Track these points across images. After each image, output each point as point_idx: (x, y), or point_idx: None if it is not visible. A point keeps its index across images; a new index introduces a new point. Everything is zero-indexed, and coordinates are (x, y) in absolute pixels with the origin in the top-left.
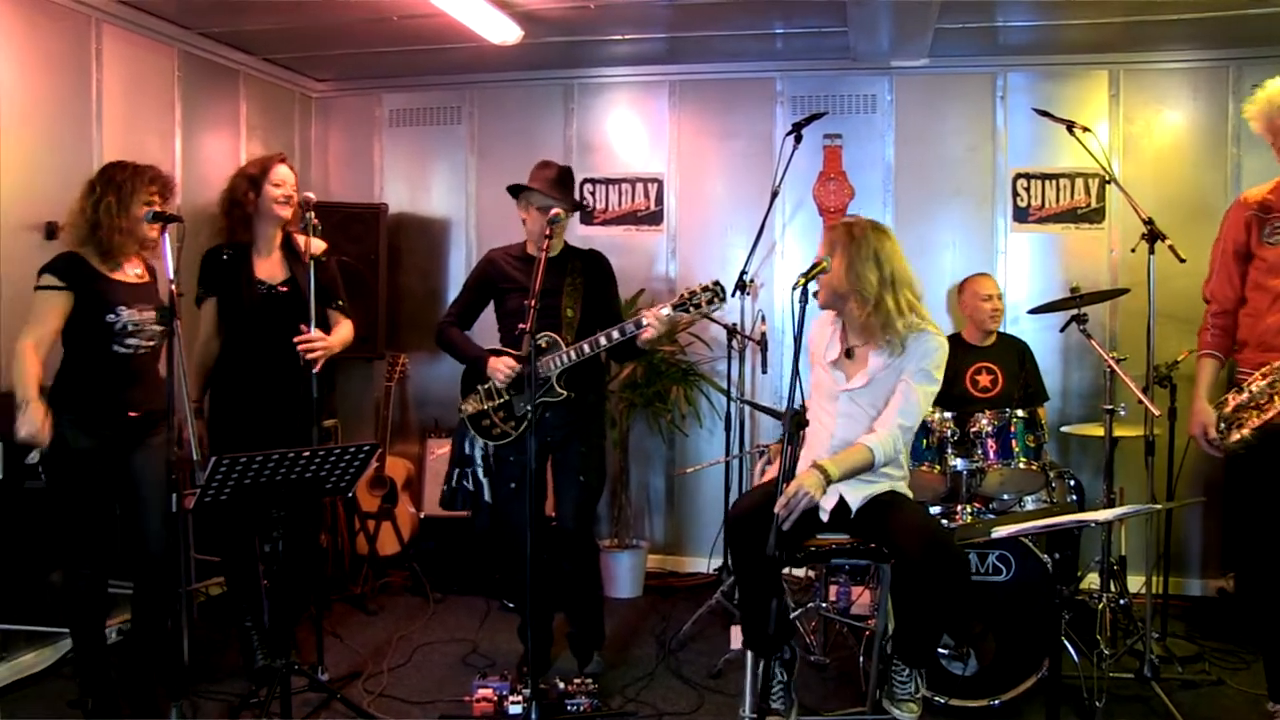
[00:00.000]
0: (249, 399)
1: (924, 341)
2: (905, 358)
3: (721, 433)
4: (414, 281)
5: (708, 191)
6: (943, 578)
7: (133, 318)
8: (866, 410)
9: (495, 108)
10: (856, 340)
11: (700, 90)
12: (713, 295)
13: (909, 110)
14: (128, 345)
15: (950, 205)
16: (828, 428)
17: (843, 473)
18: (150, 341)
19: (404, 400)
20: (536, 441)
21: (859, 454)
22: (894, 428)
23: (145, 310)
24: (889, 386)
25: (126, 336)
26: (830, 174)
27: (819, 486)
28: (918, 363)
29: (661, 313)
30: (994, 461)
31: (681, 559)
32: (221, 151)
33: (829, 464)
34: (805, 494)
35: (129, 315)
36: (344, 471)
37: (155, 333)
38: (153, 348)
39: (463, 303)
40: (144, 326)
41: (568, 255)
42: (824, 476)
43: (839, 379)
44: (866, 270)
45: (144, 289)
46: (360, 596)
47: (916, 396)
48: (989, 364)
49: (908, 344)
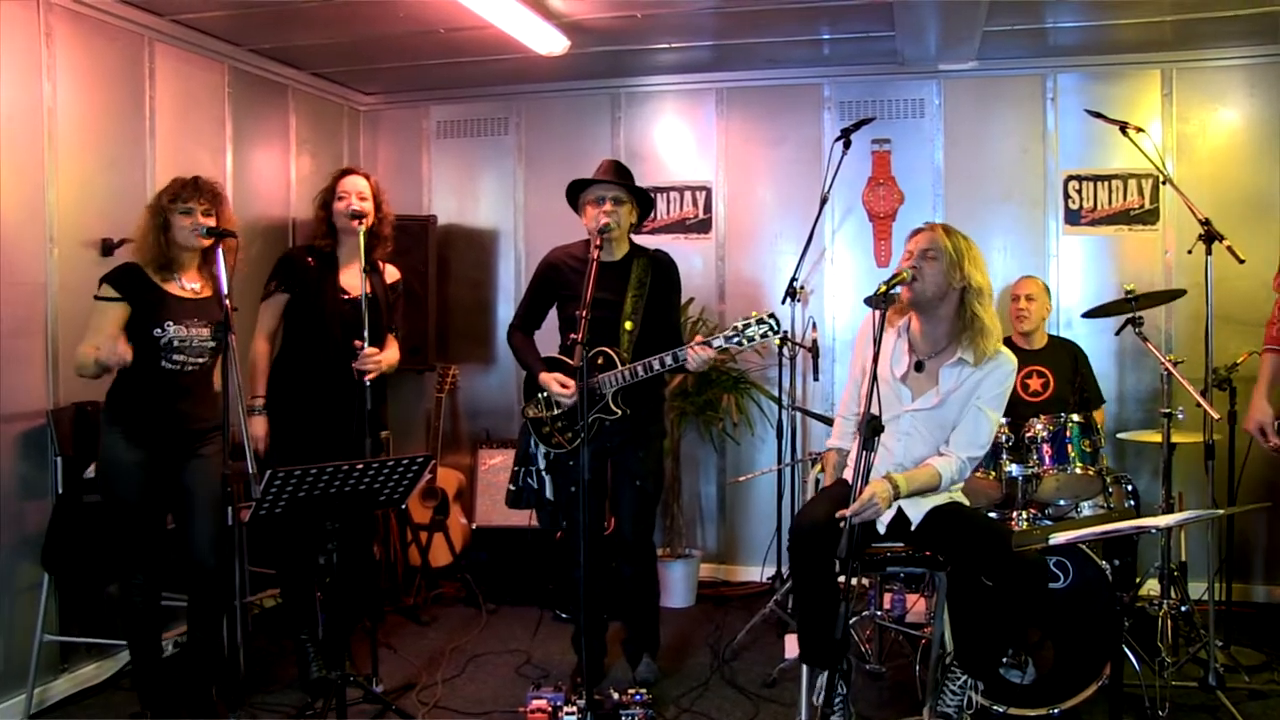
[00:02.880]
0: (309, 404)
1: (1001, 365)
2: (982, 380)
3: (773, 440)
4: (464, 292)
5: (756, 198)
6: (1015, 585)
7: (179, 334)
8: (931, 433)
9: (542, 118)
10: (927, 352)
11: (747, 97)
12: (766, 330)
13: (958, 114)
14: (174, 361)
15: (1001, 209)
16: (888, 448)
17: (911, 490)
18: (199, 359)
19: (455, 411)
20: (595, 447)
21: (929, 475)
22: (964, 458)
23: (196, 327)
24: (958, 409)
25: (173, 352)
26: (879, 179)
27: (888, 500)
28: (993, 388)
29: (710, 348)
30: (1050, 467)
31: (734, 568)
32: (271, 166)
33: (901, 479)
34: (874, 504)
35: (175, 331)
36: (398, 484)
37: (205, 349)
38: (203, 364)
39: (525, 306)
40: (192, 342)
41: (632, 258)
42: (894, 491)
43: (904, 396)
44: (973, 272)
45: (198, 305)
46: (413, 608)
47: (989, 426)
48: (1040, 367)
49: (985, 365)
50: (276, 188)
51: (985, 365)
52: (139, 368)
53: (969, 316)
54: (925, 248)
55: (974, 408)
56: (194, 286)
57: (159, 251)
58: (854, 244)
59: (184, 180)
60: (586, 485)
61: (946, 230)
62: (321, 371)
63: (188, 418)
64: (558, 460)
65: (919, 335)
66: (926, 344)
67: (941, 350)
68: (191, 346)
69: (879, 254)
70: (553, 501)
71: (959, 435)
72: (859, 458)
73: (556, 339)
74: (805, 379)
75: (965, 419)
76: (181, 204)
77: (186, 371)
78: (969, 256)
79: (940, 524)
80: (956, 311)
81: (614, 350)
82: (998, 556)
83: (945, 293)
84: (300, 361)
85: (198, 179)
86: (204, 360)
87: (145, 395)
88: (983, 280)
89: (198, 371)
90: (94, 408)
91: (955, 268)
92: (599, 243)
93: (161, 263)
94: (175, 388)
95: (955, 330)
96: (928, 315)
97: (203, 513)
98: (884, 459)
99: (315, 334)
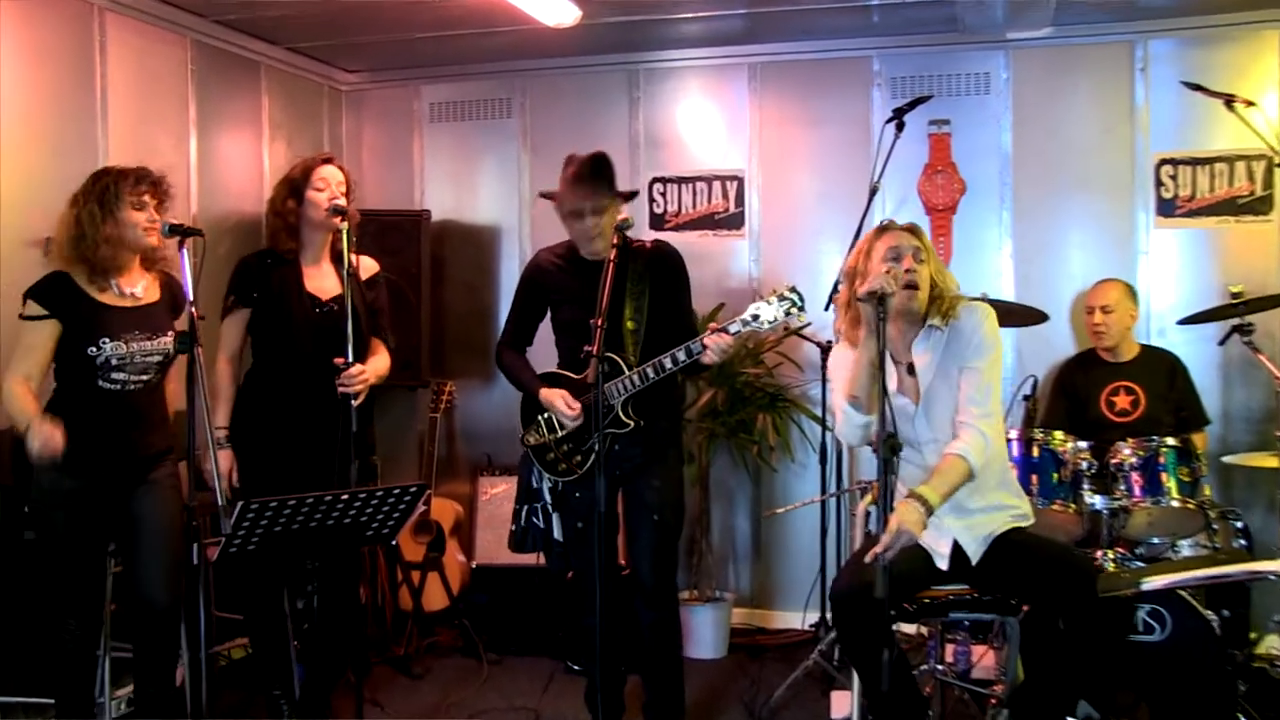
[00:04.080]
0: (284, 430)
1: (969, 312)
2: (954, 339)
3: (816, 467)
4: (461, 298)
5: (795, 189)
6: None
7: (116, 350)
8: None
9: (550, 99)
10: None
11: (785, 73)
12: (789, 306)
13: (1029, 89)
14: (113, 380)
15: (1079, 199)
16: (918, 465)
17: (943, 496)
18: (144, 375)
19: (451, 433)
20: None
21: (953, 469)
22: (978, 426)
23: (137, 340)
24: (950, 380)
25: (111, 370)
26: (937, 166)
27: (920, 521)
28: (970, 338)
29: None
30: (1140, 499)
31: (771, 613)
32: (241, 153)
33: (926, 491)
34: (905, 532)
35: (112, 348)
36: (388, 517)
37: (150, 364)
38: (147, 383)
39: (514, 319)
40: (133, 359)
41: (625, 254)
42: (924, 507)
43: (908, 407)
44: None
45: (139, 314)
46: (404, 658)
47: (982, 375)
48: (1128, 383)
49: (952, 322)
50: (247, 179)
51: (952, 322)
52: (75, 390)
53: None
54: (917, 246)
55: (962, 370)
56: (134, 291)
57: (92, 252)
58: None
59: (129, 169)
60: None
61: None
62: (295, 391)
63: (134, 444)
64: (565, 491)
65: (897, 341)
66: (905, 343)
67: (912, 331)
68: (133, 363)
69: (937, 251)
70: (561, 543)
71: (962, 404)
72: (881, 481)
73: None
74: None
75: (966, 385)
76: (134, 195)
77: (129, 391)
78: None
79: (1007, 556)
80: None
81: (619, 355)
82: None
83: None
84: (270, 382)
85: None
86: (149, 377)
87: (83, 421)
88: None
89: (142, 390)
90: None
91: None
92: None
93: (95, 266)
94: (117, 410)
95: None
96: (902, 314)
97: (152, 544)
98: (917, 479)
99: (285, 349)
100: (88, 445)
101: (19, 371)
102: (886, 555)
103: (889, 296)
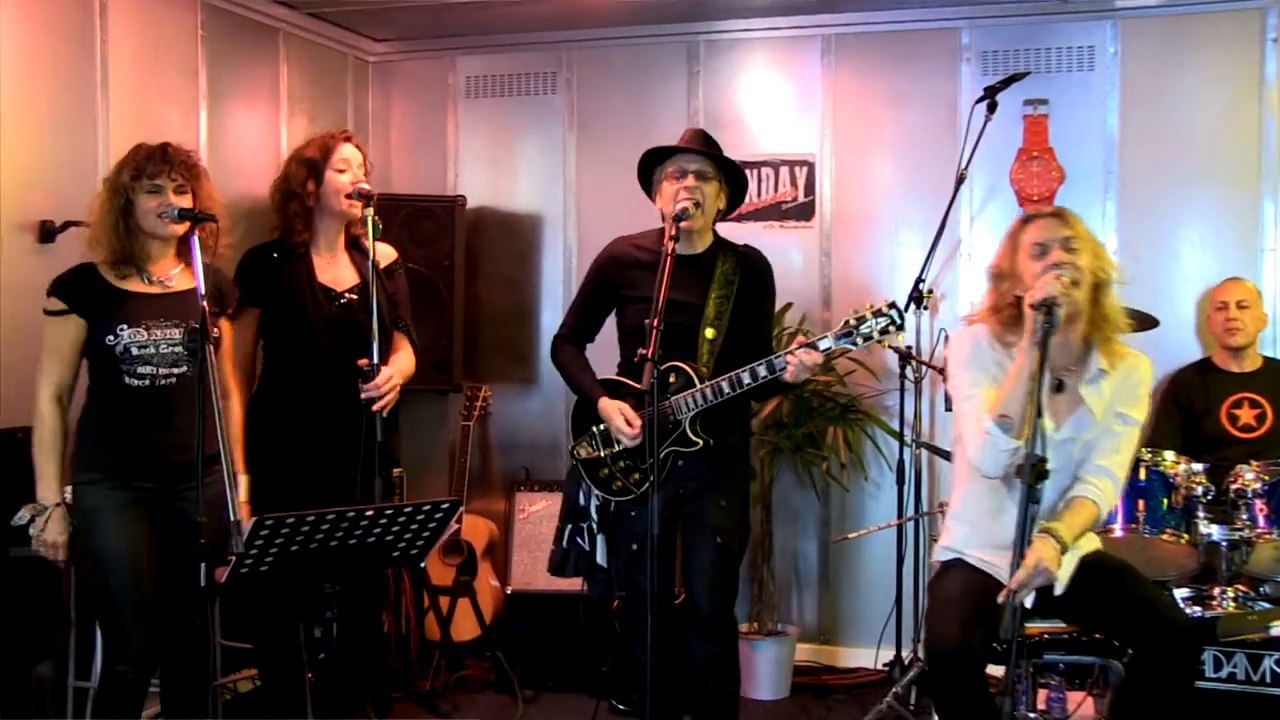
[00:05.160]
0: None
1: (1135, 365)
2: (1118, 385)
3: (892, 487)
4: (498, 294)
5: (872, 176)
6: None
7: (136, 338)
8: (1076, 461)
9: (599, 73)
10: (1066, 366)
11: (863, 46)
12: (887, 323)
13: (1139, 64)
14: (140, 375)
15: (1197, 189)
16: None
17: (1074, 538)
18: (176, 368)
19: (486, 443)
20: (667, 494)
21: (1084, 511)
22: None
23: (163, 327)
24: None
25: (135, 363)
26: (1033, 151)
27: (1056, 560)
28: (1131, 389)
29: (816, 351)
30: (1265, 530)
31: (839, 650)
32: (257, 129)
33: (1061, 528)
34: (1044, 570)
35: (130, 334)
36: (416, 536)
37: (182, 356)
38: (181, 376)
39: (578, 312)
40: (158, 347)
41: (717, 253)
42: (1059, 545)
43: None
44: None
45: (169, 301)
46: (429, 694)
47: (1135, 439)
48: (1253, 394)
49: (1118, 366)
50: (263, 158)
51: (1118, 366)
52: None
53: (1102, 314)
54: (1067, 235)
55: (1118, 419)
56: (165, 280)
57: (120, 243)
58: (999, 235)
59: (149, 149)
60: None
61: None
62: (312, 396)
63: (163, 448)
64: (617, 511)
65: (1056, 347)
66: (1065, 356)
67: (1077, 362)
68: (159, 354)
69: None
70: (605, 569)
71: (1102, 455)
72: (1022, 512)
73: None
74: (934, 408)
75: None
76: (147, 180)
77: (159, 387)
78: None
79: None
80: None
81: (690, 366)
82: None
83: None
84: (285, 387)
85: (166, 147)
86: (183, 370)
87: (116, 424)
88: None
89: (173, 387)
90: (25, 435)
91: (1099, 258)
92: (674, 231)
93: (122, 256)
94: (146, 411)
95: (1084, 334)
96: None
97: None
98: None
99: (299, 350)
100: (121, 456)
101: (49, 382)
102: (1020, 595)
103: (1057, 307)
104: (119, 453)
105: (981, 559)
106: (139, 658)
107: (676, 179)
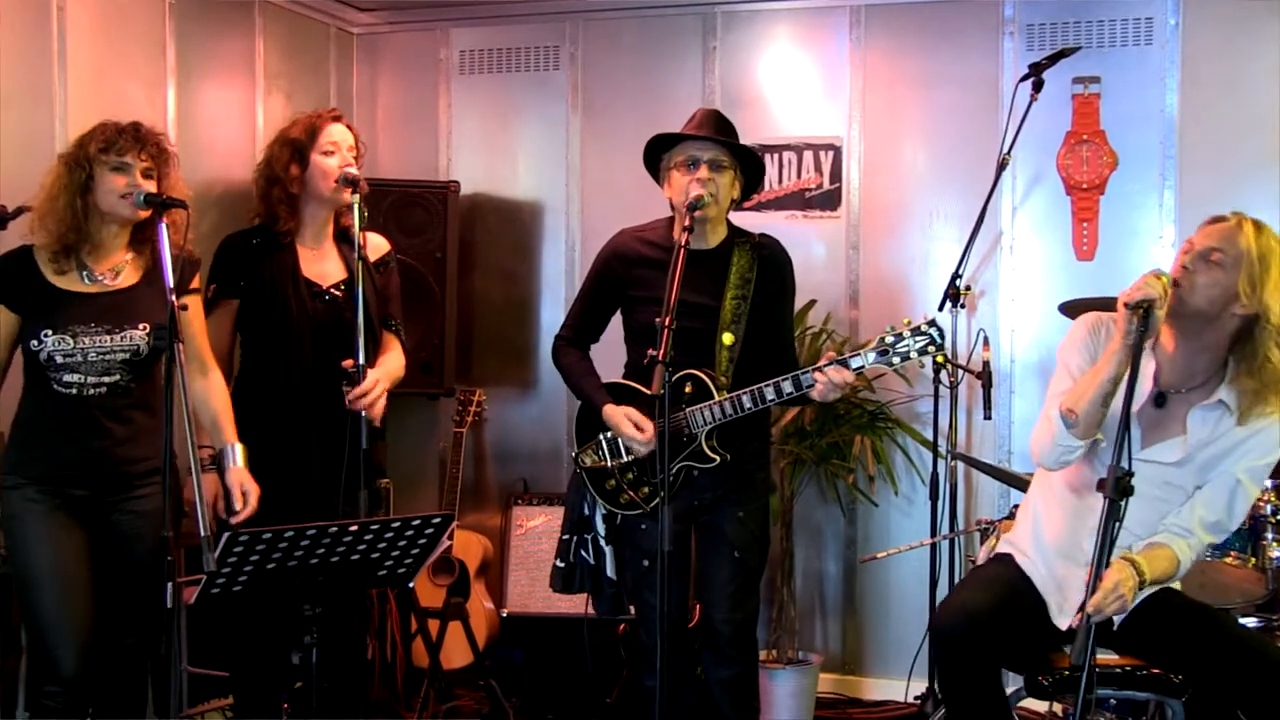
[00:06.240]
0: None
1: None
2: (1245, 441)
3: (924, 502)
4: (494, 289)
5: (905, 161)
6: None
7: (61, 345)
8: (1159, 495)
9: (606, 48)
10: (1176, 383)
11: (895, 19)
12: (926, 343)
13: (1202, 39)
14: (66, 384)
15: (1266, 176)
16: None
17: (1153, 578)
18: (107, 377)
19: (480, 452)
20: (680, 506)
21: (1168, 560)
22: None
23: (93, 334)
24: (1203, 472)
25: (61, 371)
26: (1083, 134)
27: (1133, 590)
28: (1261, 456)
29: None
30: None
31: (865, 680)
32: (230, 108)
33: (1142, 561)
34: (1120, 595)
35: (55, 342)
36: (405, 552)
37: (113, 364)
38: (113, 386)
39: (580, 312)
40: (85, 355)
41: (732, 246)
42: (1139, 578)
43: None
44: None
45: (105, 303)
46: None
47: (1244, 505)
48: None
49: (1253, 422)
50: (237, 139)
51: (1254, 422)
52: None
53: (1251, 354)
54: (1212, 246)
55: (1230, 475)
56: (105, 277)
57: (69, 225)
58: (1044, 226)
59: (119, 125)
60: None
61: (1257, 228)
62: (292, 399)
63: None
64: (626, 524)
65: (1171, 357)
66: (1178, 372)
67: (1197, 386)
68: (87, 362)
69: (1079, 241)
70: (615, 582)
71: (1204, 510)
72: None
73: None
74: (972, 417)
75: (1215, 488)
76: (115, 155)
77: (89, 396)
78: (1274, 275)
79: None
80: (1232, 341)
81: (707, 374)
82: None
83: (1220, 313)
84: (262, 387)
85: (138, 125)
86: (114, 379)
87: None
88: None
89: (107, 395)
90: None
91: (1250, 285)
92: (688, 222)
93: (67, 243)
94: (78, 419)
95: (1221, 362)
96: (1189, 334)
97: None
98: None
99: (280, 348)
100: (52, 458)
101: None
102: (1096, 617)
103: (1155, 309)
104: (45, 458)
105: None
106: (72, 680)
107: (687, 169)
